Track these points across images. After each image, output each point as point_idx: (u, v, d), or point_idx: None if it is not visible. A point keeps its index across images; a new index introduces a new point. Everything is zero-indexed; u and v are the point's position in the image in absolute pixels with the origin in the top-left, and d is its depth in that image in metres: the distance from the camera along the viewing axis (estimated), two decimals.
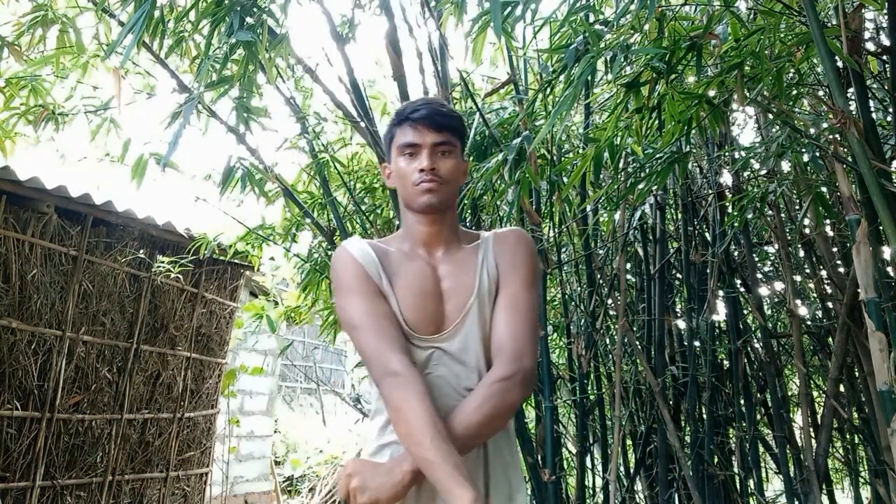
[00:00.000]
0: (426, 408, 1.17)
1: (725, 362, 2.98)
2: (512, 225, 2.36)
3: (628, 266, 3.25)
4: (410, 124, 1.33)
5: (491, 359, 1.32)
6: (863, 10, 1.91)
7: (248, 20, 1.88)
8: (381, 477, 1.19)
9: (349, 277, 1.32)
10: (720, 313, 2.91)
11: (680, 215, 3.00)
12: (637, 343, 2.91)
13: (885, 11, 1.95)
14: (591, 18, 2.11)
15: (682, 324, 3.11)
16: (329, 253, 3.09)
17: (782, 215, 2.82)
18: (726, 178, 2.88)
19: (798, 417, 2.69)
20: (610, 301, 3.00)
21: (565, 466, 3.24)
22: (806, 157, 2.19)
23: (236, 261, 5.08)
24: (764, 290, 3.24)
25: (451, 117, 1.36)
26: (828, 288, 2.75)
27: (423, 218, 1.36)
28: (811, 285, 3.07)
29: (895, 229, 1.48)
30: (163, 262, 4.25)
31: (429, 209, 1.33)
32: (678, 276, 3.15)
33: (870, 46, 2.27)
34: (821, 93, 2.25)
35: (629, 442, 3.18)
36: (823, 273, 2.77)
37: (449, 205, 1.37)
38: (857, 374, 2.58)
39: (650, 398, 2.85)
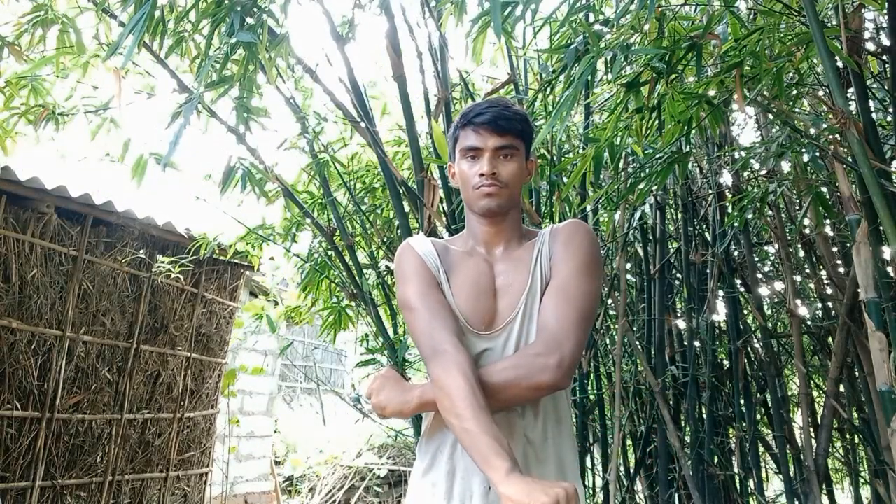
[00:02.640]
0: (468, 381, 1.16)
1: (725, 362, 2.98)
2: None
3: (628, 266, 3.25)
4: (473, 128, 1.35)
5: None
6: (863, 10, 1.91)
7: (249, 20, 1.88)
8: (395, 392, 1.29)
9: (409, 266, 1.36)
10: (720, 313, 2.91)
11: (680, 215, 3.00)
12: (637, 343, 2.91)
13: (885, 11, 1.95)
14: (591, 18, 2.11)
15: (682, 324, 3.11)
16: (329, 253, 3.09)
17: (782, 215, 2.82)
18: (726, 178, 2.88)
19: (798, 417, 2.70)
20: (610, 301, 3.00)
21: None
22: (806, 157, 2.19)
23: (236, 261, 5.08)
24: (764, 290, 3.24)
25: (514, 120, 1.35)
26: (828, 288, 2.75)
27: (483, 219, 1.39)
28: (811, 285, 3.07)
29: (895, 229, 1.48)
30: (163, 262, 4.25)
31: (488, 213, 1.36)
32: (678, 276, 3.15)
33: (870, 46, 2.27)
34: (821, 93, 2.24)
35: (629, 442, 3.18)
36: (823, 273, 2.78)
37: (510, 207, 1.38)
38: (857, 374, 2.58)
39: (650, 398, 2.85)
